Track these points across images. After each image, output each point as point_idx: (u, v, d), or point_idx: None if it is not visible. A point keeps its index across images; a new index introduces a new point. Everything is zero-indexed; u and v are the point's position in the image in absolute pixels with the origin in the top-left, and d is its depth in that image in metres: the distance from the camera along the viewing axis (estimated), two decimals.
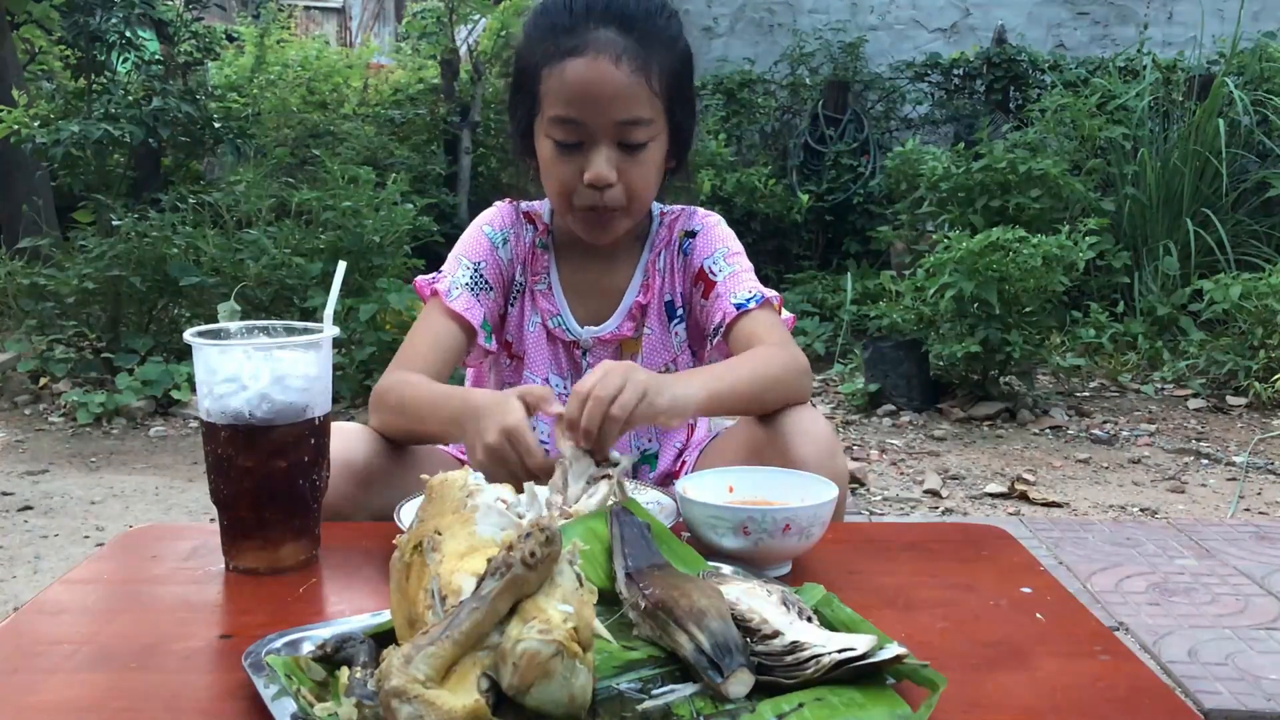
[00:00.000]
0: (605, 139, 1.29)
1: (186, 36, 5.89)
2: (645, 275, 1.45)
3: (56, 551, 2.69)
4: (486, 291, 1.42)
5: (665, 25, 1.33)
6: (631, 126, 1.29)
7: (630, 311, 1.44)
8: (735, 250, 1.45)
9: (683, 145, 1.39)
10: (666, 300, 1.46)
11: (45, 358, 4.19)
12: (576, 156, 1.30)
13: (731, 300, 1.38)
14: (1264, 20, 6.50)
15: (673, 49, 1.33)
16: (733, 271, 1.41)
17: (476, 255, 1.44)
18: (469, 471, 0.85)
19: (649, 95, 1.29)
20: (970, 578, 1.01)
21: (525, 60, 1.34)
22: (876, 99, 6.59)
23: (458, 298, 1.39)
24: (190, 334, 1.01)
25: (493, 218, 1.48)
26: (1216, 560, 2.47)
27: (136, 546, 1.11)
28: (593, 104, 1.27)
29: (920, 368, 4.09)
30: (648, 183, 1.35)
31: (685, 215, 1.48)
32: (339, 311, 3.58)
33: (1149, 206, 5.16)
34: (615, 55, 1.27)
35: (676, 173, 1.42)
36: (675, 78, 1.33)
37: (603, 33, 1.27)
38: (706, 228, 1.46)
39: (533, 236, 1.47)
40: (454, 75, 6.25)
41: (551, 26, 1.30)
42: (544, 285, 1.45)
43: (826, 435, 1.22)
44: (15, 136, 4.80)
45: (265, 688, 0.74)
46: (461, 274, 1.42)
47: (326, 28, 12.15)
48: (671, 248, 1.46)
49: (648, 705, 0.73)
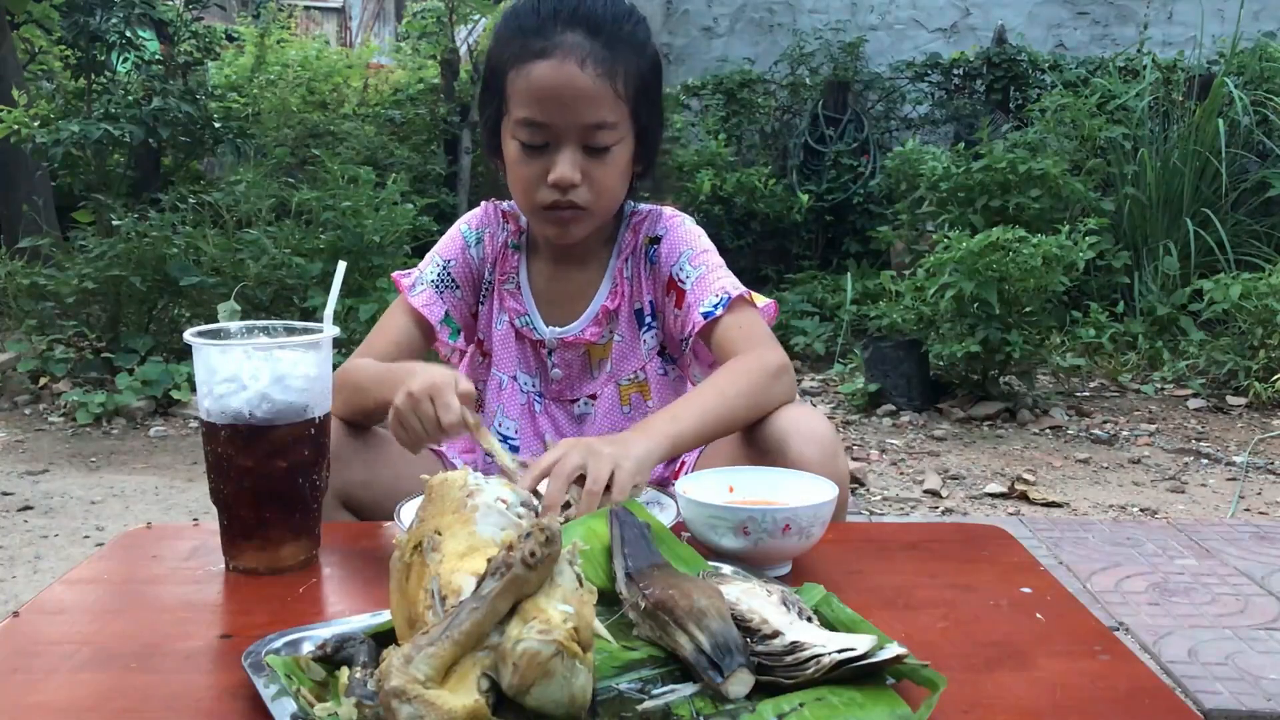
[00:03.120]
0: (570, 141, 1.29)
1: (186, 36, 5.88)
2: (614, 281, 1.45)
3: (56, 551, 2.69)
4: (452, 289, 1.44)
5: (633, 31, 1.33)
6: (596, 130, 1.29)
7: (597, 316, 1.44)
8: (701, 249, 1.43)
9: (650, 150, 1.39)
10: (636, 309, 1.45)
11: (45, 358, 4.19)
12: (542, 158, 1.31)
13: (700, 310, 1.37)
14: (1264, 20, 6.50)
15: (641, 54, 1.33)
16: (700, 275, 1.40)
17: (449, 253, 1.46)
18: (469, 471, 0.85)
19: (614, 99, 1.29)
20: (970, 578, 1.01)
21: (494, 61, 1.34)
22: (876, 99, 6.59)
23: (420, 294, 1.43)
24: (190, 334, 1.01)
25: (473, 216, 1.50)
26: (1216, 560, 2.47)
27: (136, 546, 1.11)
28: (558, 106, 1.28)
29: (920, 368, 4.09)
30: (613, 186, 1.35)
31: (651, 218, 1.47)
32: (339, 311, 3.58)
33: (1149, 206, 5.16)
34: (581, 58, 1.27)
35: (644, 177, 1.42)
36: (642, 82, 1.33)
37: (570, 36, 1.28)
38: (670, 230, 1.45)
39: (505, 237, 1.48)
40: (454, 75, 6.25)
41: (520, 28, 1.31)
42: (512, 285, 1.47)
43: (827, 435, 1.22)
44: (15, 136, 4.80)
45: (265, 688, 0.74)
46: (430, 270, 1.45)
47: (326, 28, 12.16)
48: (638, 255, 1.45)
49: (648, 705, 0.73)
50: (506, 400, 1.46)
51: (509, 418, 1.46)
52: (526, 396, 1.46)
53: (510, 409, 1.46)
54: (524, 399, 1.46)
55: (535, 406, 1.46)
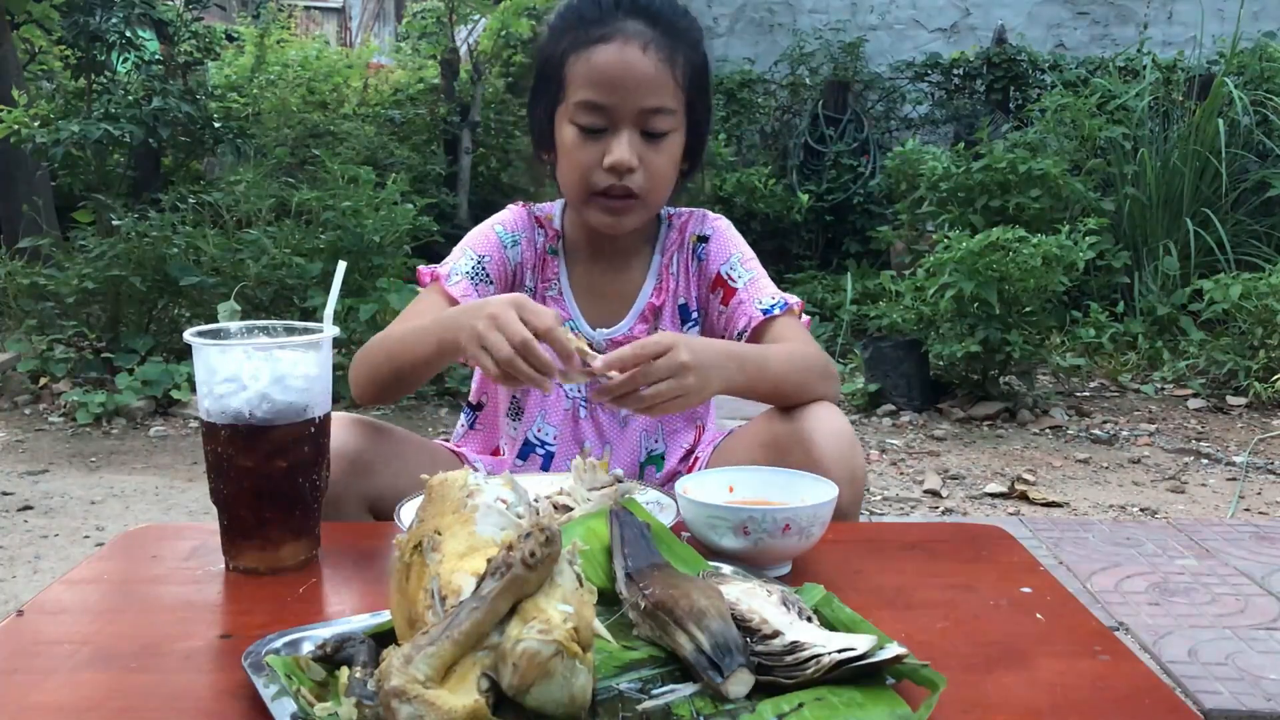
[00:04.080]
0: (628, 125, 1.31)
1: (186, 36, 5.88)
2: (659, 277, 1.46)
3: (56, 551, 2.69)
4: (487, 284, 1.42)
5: (689, 27, 1.36)
6: (655, 114, 1.31)
7: (643, 313, 1.45)
8: (749, 255, 1.47)
9: (697, 147, 1.41)
10: (680, 303, 1.47)
11: (45, 358, 4.19)
12: (599, 142, 1.32)
13: (757, 306, 1.39)
14: (1264, 20, 6.51)
15: (695, 49, 1.36)
16: (752, 277, 1.43)
17: (483, 249, 1.44)
18: (469, 471, 0.85)
19: (674, 86, 1.31)
20: (970, 578, 1.01)
21: (550, 51, 1.36)
22: (876, 99, 6.59)
23: (457, 283, 1.40)
24: (190, 334, 1.01)
25: (505, 219, 1.48)
26: (1216, 560, 2.47)
27: (136, 546, 1.11)
28: (619, 88, 1.29)
29: (920, 368, 4.09)
30: (666, 174, 1.36)
31: (695, 218, 1.49)
32: (339, 311, 3.58)
33: (1149, 206, 5.16)
34: (644, 43, 1.29)
35: (689, 175, 1.44)
36: (697, 77, 1.35)
37: (630, 23, 1.30)
38: (718, 232, 1.48)
39: (543, 242, 1.47)
40: (454, 75, 6.25)
41: (580, 19, 1.33)
42: (555, 291, 1.46)
43: (845, 431, 1.23)
44: (15, 136, 4.80)
45: (265, 688, 0.74)
46: (464, 263, 1.42)
47: (326, 28, 12.16)
48: (685, 251, 1.47)
49: (648, 705, 0.73)
50: (549, 407, 1.44)
51: (549, 424, 1.45)
52: (572, 402, 1.44)
53: (552, 415, 1.44)
54: (568, 404, 1.44)
55: (580, 412, 1.44)
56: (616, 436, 1.45)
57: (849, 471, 1.18)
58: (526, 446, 1.45)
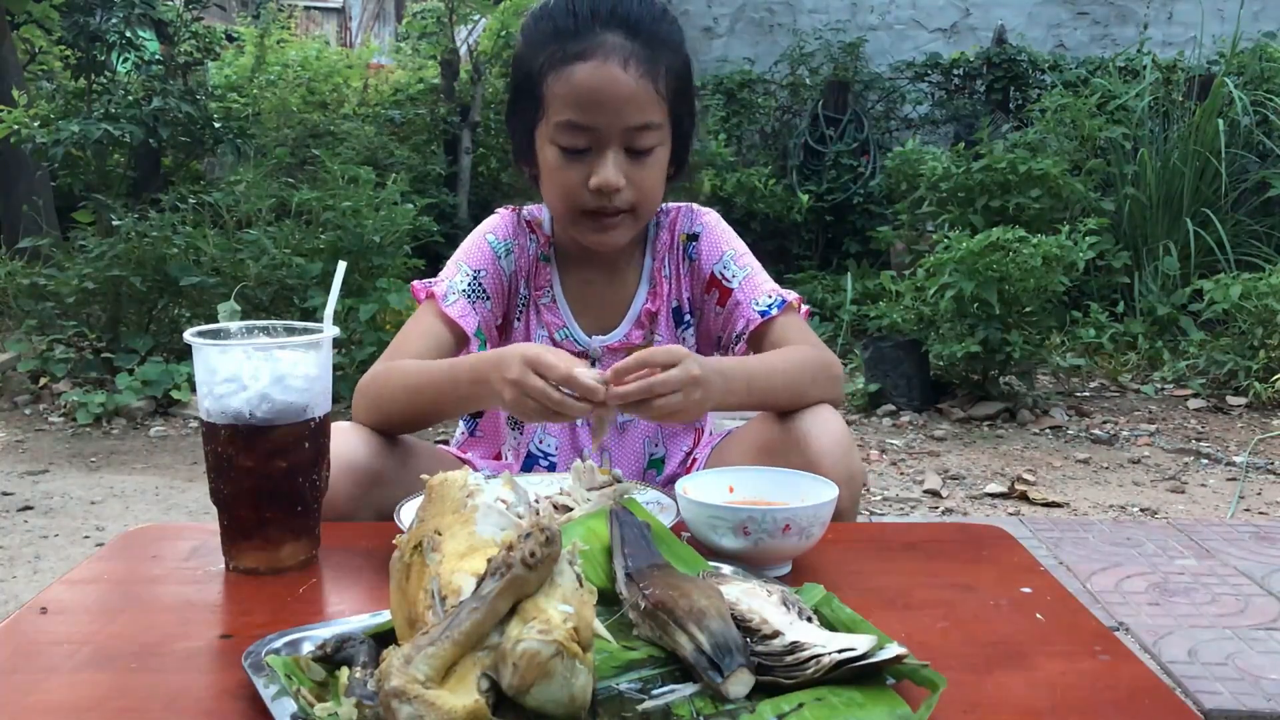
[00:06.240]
0: (613, 144, 1.27)
1: (186, 36, 5.88)
2: (652, 282, 1.44)
3: (56, 551, 2.69)
4: (483, 300, 1.40)
5: (669, 30, 1.32)
6: (641, 131, 1.28)
7: (639, 319, 1.43)
8: (741, 250, 1.44)
9: (683, 150, 1.38)
10: (674, 306, 1.45)
11: (45, 358, 4.19)
12: (583, 162, 1.28)
13: (754, 308, 1.37)
14: (1264, 20, 6.51)
15: (677, 53, 1.32)
16: (748, 275, 1.41)
17: (478, 263, 1.42)
18: (469, 471, 0.85)
19: (656, 100, 1.28)
20: (970, 578, 1.01)
21: (527, 65, 1.31)
22: (876, 99, 6.59)
23: (454, 303, 1.37)
24: (190, 334, 1.01)
25: (496, 226, 1.45)
26: (1216, 560, 2.47)
27: (136, 546, 1.11)
28: (602, 109, 1.25)
29: (920, 368, 4.09)
30: (655, 188, 1.34)
31: (684, 215, 1.47)
32: (339, 311, 3.58)
33: (1149, 206, 5.16)
34: (624, 59, 1.25)
35: (676, 178, 1.41)
36: (680, 82, 1.32)
37: (609, 36, 1.26)
38: (708, 228, 1.45)
39: (535, 249, 1.44)
40: (454, 75, 6.25)
41: (555, 31, 1.28)
42: (548, 298, 1.44)
43: (842, 432, 1.23)
44: (15, 136, 4.80)
45: (265, 688, 0.74)
46: (460, 280, 1.40)
47: (326, 28, 12.16)
48: (675, 252, 1.45)
49: (648, 705, 0.73)
50: None
51: (549, 434, 1.44)
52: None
53: (552, 426, 1.43)
54: None
55: (579, 422, 1.42)
56: (617, 444, 1.44)
57: (846, 473, 1.17)
58: (530, 459, 1.45)
